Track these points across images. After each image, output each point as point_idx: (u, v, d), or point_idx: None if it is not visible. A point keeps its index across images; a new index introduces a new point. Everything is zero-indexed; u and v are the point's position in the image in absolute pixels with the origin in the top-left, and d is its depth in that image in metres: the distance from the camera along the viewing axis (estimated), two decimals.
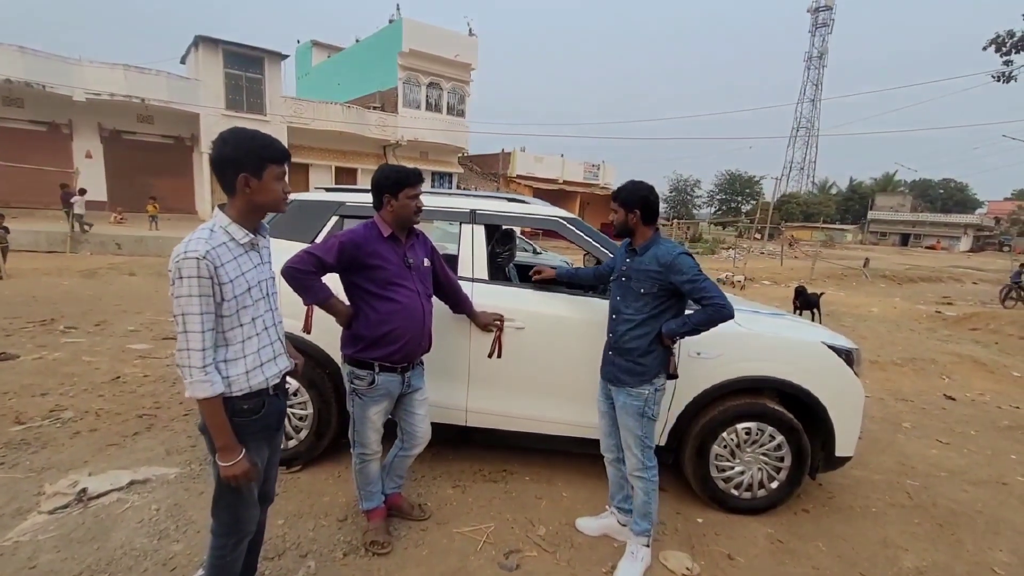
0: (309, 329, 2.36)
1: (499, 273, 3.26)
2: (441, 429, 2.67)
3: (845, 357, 2.68)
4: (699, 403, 2.62)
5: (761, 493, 2.70)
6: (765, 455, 2.65)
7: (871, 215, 58.30)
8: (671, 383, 2.41)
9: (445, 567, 2.20)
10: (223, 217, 1.47)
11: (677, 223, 32.02)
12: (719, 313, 2.04)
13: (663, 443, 2.70)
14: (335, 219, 2.85)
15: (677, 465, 2.78)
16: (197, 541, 2.21)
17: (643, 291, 2.13)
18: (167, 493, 2.59)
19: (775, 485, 2.69)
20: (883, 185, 65.08)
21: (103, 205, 17.02)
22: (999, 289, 14.73)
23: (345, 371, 2.20)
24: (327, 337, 2.48)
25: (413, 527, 2.44)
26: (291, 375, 1.73)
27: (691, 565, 2.29)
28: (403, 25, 22.39)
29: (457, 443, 3.07)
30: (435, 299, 2.34)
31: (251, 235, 1.50)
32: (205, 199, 19.14)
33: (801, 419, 2.63)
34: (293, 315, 2.24)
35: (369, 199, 2.20)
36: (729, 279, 14.07)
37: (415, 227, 2.25)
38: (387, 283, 2.08)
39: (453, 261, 2.73)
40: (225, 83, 18.74)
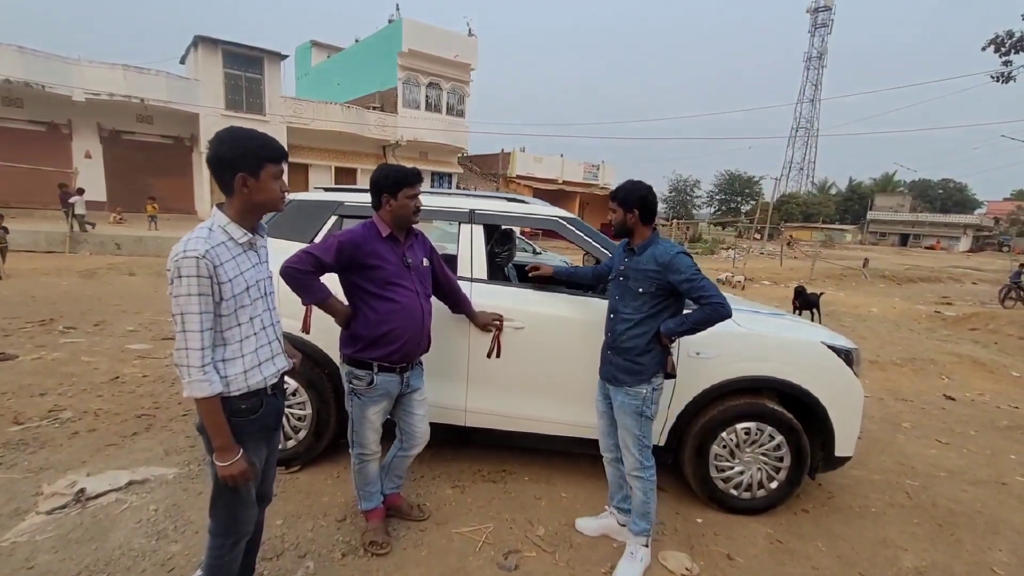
0: (308, 329, 2.36)
1: (498, 273, 3.26)
2: (440, 429, 2.67)
3: (845, 357, 2.68)
4: (698, 403, 2.62)
5: (760, 493, 2.69)
6: (764, 455, 2.65)
7: (870, 215, 58.30)
8: (670, 382, 2.41)
9: (444, 567, 2.19)
10: (221, 216, 1.47)
11: (677, 223, 31.98)
12: (717, 312, 2.04)
13: (662, 443, 2.69)
14: (334, 219, 2.85)
15: (676, 465, 2.78)
16: (195, 541, 2.21)
17: (641, 290, 2.13)
18: (165, 493, 2.59)
19: (774, 485, 2.68)
20: (882, 185, 65.12)
21: (102, 205, 17.01)
22: (998, 289, 14.73)
23: (344, 371, 2.20)
24: (326, 337, 2.48)
25: (412, 527, 2.44)
26: (289, 373, 1.73)
27: (690, 565, 2.29)
28: (403, 25, 22.37)
29: (456, 443, 3.06)
30: (434, 299, 2.34)
31: (249, 235, 1.50)
32: (204, 199, 19.13)
33: (801, 419, 2.63)
34: (291, 315, 2.24)
35: (368, 199, 2.20)
36: (729, 279, 14.05)
37: (414, 227, 2.24)
38: (386, 283, 2.08)
39: (452, 261, 2.73)
40: (224, 83, 18.74)
